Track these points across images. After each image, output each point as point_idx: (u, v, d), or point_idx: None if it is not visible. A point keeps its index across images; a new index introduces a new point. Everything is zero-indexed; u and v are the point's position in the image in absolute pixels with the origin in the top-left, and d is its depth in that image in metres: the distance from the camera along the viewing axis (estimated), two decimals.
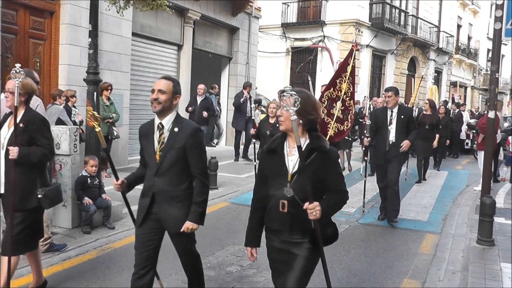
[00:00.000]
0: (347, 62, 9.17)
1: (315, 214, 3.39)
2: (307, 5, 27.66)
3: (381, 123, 8.84)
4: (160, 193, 4.37)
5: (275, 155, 3.72)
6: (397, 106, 8.80)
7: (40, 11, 11.05)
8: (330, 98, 8.96)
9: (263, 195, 3.78)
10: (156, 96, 4.28)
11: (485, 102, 38.80)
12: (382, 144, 8.77)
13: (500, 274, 6.18)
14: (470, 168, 16.92)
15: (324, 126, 8.78)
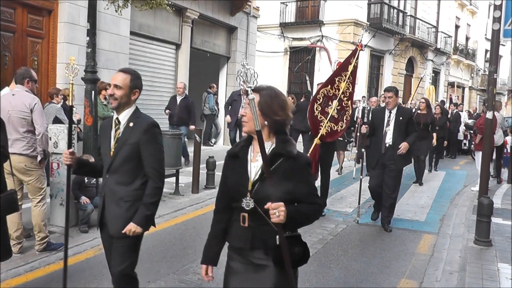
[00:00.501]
0: (349, 61, 8.90)
1: (278, 215, 2.82)
2: (305, 5, 27.64)
3: (378, 124, 8.45)
4: (109, 192, 4.10)
5: (237, 160, 3.25)
6: (396, 107, 8.39)
7: (38, 9, 11.04)
8: (327, 95, 8.69)
9: (225, 206, 3.29)
10: (111, 91, 4.02)
11: (482, 103, 38.83)
12: (377, 147, 8.45)
13: (498, 274, 6.19)
14: (468, 168, 16.92)
15: (316, 124, 8.62)
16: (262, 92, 3.14)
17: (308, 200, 3.13)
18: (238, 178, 3.18)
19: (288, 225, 2.92)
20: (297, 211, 3.04)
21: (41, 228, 6.41)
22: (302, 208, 3.09)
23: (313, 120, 8.64)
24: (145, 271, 5.97)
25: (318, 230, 8.21)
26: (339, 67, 9.18)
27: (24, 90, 6.26)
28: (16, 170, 6.22)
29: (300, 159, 3.13)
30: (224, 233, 3.31)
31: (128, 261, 4.11)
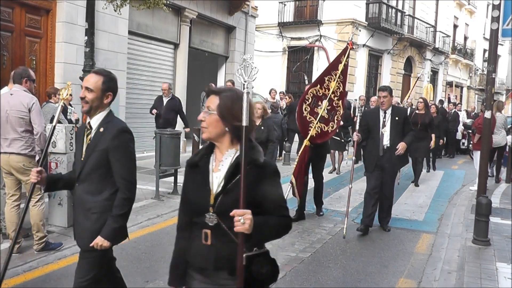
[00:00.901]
0: (340, 60, 8.55)
1: (243, 223, 2.53)
2: (304, 5, 27.66)
3: (373, 126, 8.16)
4: (78, 202, 3.89)
5: (197, 171, 2.93)
6: (390, 107, 8.17)
7: (37, 9, 11.03)
8: (316, 95, 8.41)
9: (188, 221, 2.96)
10: (82, 94, 3.80)
11: (481, 102, 38.85)
12: (374, 149, 8.13)
13: (496, 273, 6.18)
14: (466, 168, 16.93)
15: (305, 125, 8.38)
16: (222, 94, 2.85)
17: (276, 213, 2.82)
18: (198, 190, 2.88)
19: (254, 237, 2.60)
20: (266, 222, 2.73)
21: (39, 228, 6.41)
22: (270, 220, 2.77)
23: (302, 121, 8.43)
24: (143, 271, 5.99)
25: (317, 229, 8.22)
26: (329, 66, 8.83)
27: (22, 89, 6.26)
28: (14, 169, 6.23)
29: (267, 168, 2.84)
30: None
31: (90, 275, 3.82)
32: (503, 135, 13.11)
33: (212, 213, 2.76)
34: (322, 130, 8.41)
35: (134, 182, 3.88)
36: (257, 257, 2.75)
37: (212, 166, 2.89)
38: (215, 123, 2.81)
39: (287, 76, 28.28)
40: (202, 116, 2.86)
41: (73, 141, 7.54)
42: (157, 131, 10.14)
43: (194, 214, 2.88)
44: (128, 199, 3.80)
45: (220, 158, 2.87)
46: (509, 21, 7.96)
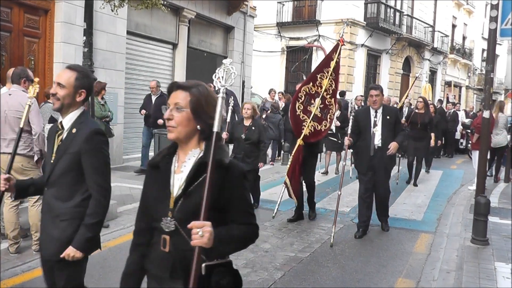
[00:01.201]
0: (331, 57, 8.38)
1: (201, 236, 2.28)
2: (302, 5, 27.68)
3: (364, 126, 7.95)
4: (46, 208, 3.60)
5: (158, 172, 2.70)
6: (381, 107, 7.96)
7: (35, 9, 11.01)
8: (308, 93, 8.23)
9: (146, 226, 2.74)
10: (54, 90, 3.52)
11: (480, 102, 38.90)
12: (365, 150, 7.91)
13: (494, 273, 6.19)
14: (465, 167, 16.94)
15: (299, 124, 8.17)
16: (192, 89, 2.62)
17: (242, 220, 2.61)
18: (158, 193, 2.66)
19: (215, 250, 2.40)
20: (228, 233, 2.51)
21: (38, 228, 6.38)
22: (234, 230, 2.55)
23: (295, 120, 8.24)
24: None
25: (315, 229, 8.22)
26: (320, 63, 8.62)
27: (21, 89, 6.26)
28: (12, 170, 6.18)
29: (233, 170, 2.59)
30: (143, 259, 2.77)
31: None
32: (505, 135, 13.12)
33: (171, 218, 2.55)
34: (315, 129, 8.24)
35: (108, 188, 3.61)
36: (218, 267, 2.54)
37: (174, 167, 2.67)
38: (186, 122, 2.58)
39: (285, 76, 28.30)
40: (169, 114, 2.60)
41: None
42: (155, 131, 10.16)
43: (153, 219, 2.66)
44: (103, 206, 3.52)
45: (183, 159, 2.66)
46: (507, 21, 7.97)
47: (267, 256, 6.73)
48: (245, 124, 9.05)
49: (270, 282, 5.81)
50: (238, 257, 6.54)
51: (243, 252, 6.71)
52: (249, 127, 8.95)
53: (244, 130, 8.96)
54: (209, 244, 2.31)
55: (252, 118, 9.03)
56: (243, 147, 8.88)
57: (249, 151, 8.88)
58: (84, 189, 3.51)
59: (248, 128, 8.95)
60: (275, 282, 5.83)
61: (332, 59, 8.32)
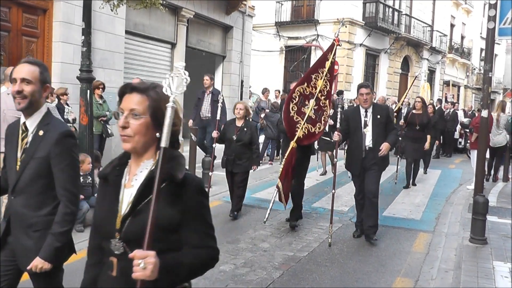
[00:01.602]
0: (326, 57, 8.00)
1: (143, 268, 1.99)
2: (301, 4, 27.71)
3: (354, 126, 7.70)
4: (15, 217, 3.34)
5: (108, 185, 2.39)
6: (371, 105, 7.69)
7: (33, 8, 11.01)
8: (303, 94, 7.88)
9: (97, 245, 2.45)
10: (19, 87, 3.21)
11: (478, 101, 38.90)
12: (357, 151, 7.66)
13: (493, 272, 6.21)
14: (463, 167, 16.95)
15: (292, 126, 7.80)
16: (150, 92, 2.33)
17: (199, 243, 2.29)
18: (106, 210, 2.34)
19: (162, 281, 2.09)
20: (178, 262, 2.20)
21: None
22: (186, 256, 2.25)
23: (289, 121, 7.86)
24: None
25: (314, 229, 8.23)
26: (315, 64, 8.31)
27: None
28: None
29: (189, 186, 2.27)
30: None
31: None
32: (504, 134, 13.13)
33: (118, 239, 2.24)
34: (309, 131, 7.88)
35: (77, 194, 3.39)
36: None
37: (124, 181, 2.35)
38: (144, 130, 2.27)
39: (284, 75, 28.32)
40: (124, 122, 2.27)
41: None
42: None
43: (102, 238, 2.36)
44: (71, 213, 3.29)
45: (135, 171, 2.34)
46: (505, 20, 7.99)
47: (266, 256, 6.74)
48: (237, 124, 8.79)
49: (268, 282, 5.81)
50: (236, 256, 6.56)
51: (242, 251, 6.75)
52: (241, 128, 8.72)
53: (235, 131, 8.70)
54: (153, 277, 2.02)
55: (245, 118, 8.83)
56: (235, 148, 8.65)
57: (240, 153, 8.67)
58: (55, 195, 3.29)
59: (240, 129, 8.71)
60: (273, 281, 5.83)
61: (327, 59, 7.97)
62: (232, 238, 7.24)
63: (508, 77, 55.93)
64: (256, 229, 8.04)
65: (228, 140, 8.78)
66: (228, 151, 8.80)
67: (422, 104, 12.59)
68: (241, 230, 7.91)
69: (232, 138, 8.66)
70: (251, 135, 8.70)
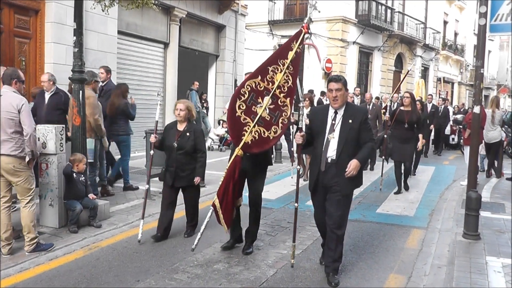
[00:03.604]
0: (290, 46, 6.47)
1: None
2: (294, 2, 27.73)
3: (318, 129, 5.98)
4: None
5: None
6: (344, 106, 5.87)
7: (25, 9, 11.01)
8: (255, 90, 6.38)
9: None
10: None
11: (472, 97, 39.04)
12: (316, 162, 5.96)
13: (486, 267, 6.22)
14: (457, 163, 17.01)
15: (238, 128, 6.35)
16: None
17: None
18: None
19: None
20: None
21: (30, 229, 6.40)
22: None
23: (233, 122, 6.41)
24: (134, 270, 6.00)
25: (308, 226, 8.23)
26: (274, 54, 6.69)
27: (12, 90, 6.25)
28: (4, 171, 6.21)
29: None
30: None
31: None
32: (499, 130, 13.18)
33: None
34: (261, 136, 6.35)
35: None
36: None
37: None
38: None
39: None
40: None
41: (63, 142, 7.55)
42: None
43: None
44: None
45: None
46: (497, 17, 8.02)
47: (260, 254, 6.75)
48: (179, 128, 7.41)
49: (262, 280, 5.82)
50: (230, 255, 6.57)
51: (235, 250, 6.75)
52: (183, 132, 7.33)
53: (176, 136, 7.32)
54: None
55: (188, 121, 7.46)
56: (175, 157, 7.28)
57: (182, 163, 7.30)
58: None
59: (182, 134, 7.33)
60: (267, 279, 5.84)
61: (291, 49, 6.46)
62: (226, 237, 7.24)
63: (501, 73, 56.31)
64: None
65: (168, 147, 7.39)
66: (168, 161, 7.43)
67: (411, 100, 11.33)
68: None
69: (173, 145, 7.29)
70: (195, 141, 7.33)
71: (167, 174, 7.36)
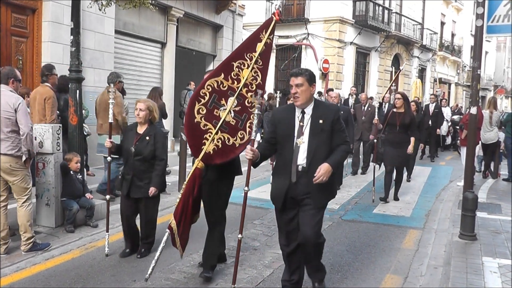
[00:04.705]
0: (258, 37, 5.56)
1: None
2: (291, 3, 27.71)
3: (284, 133, 4.97)
4: None
5: None
6: (311, 104, 4.95)
7: (22, 8, 10.99)
8: (217, 90, 5.49)
9: None
10: None
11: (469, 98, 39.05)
12: (284, 173, 4.94)
13: (482, 268, 6.23)
14: (454, 164, 17.04)
15: (198, 136, 5.45)
16: None
17: None
18: None
19: None
20: None
21: (26, 228, 6.40)
22: None
23: (192, 130, 5.49)
24: (131, 270, 6.00)
25: None
26: (240, 47, 5.73)
27: (8, 89, 6.24)
28: (1, 170, 6.21)
29: None
30: None
31: None
32: (496, 131, 13.21)
33: None
34: (225, 144, 5.48)
35: None
36: None
37: None
38: None
39: (275, 74, 28.30)
40: None
41: (60, 141, 7.54)
42: None
43: None
44: None
45: None
46: (493, 18, 8.03)
47: (256, 254, 6.75)
48: (138, 131, 6.49)
49: (259, 280, 5.83)
50: (227, 255, 6.56)
51: (232, 250, 6.75)
52: (142, 136, 6.40)
53: (134, 140, 6.41)
54: None
55: (149, 123, 6.54)
56: (133, 164, 6.38)
57: (140, 171, 6.37)
58: None
59: (141, 138, 6.40)
60: (263, 279, 5.85)
61: (259, 40, 5.56)
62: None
63: (498, 74, 56.42)
64: (246, 228, 8.02)
65: (125, 152, 6.50)
66: (125, 168, 6.58)
67: (404, 101, 10.34)
68: (231, 229, 7.91)
69: (130, 149, 6.37)
70: (155, 146, 6.39)
71: (124, 182, 6.47)
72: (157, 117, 6.68)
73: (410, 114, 10.32)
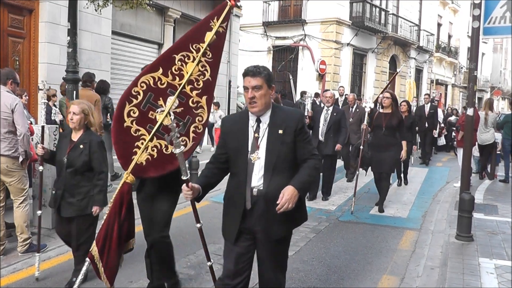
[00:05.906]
0: (208, 24, 4.71)
1: None
2: (288, 4, 27.73)
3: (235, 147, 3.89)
4: None
5: None
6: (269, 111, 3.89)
7: (19, 9, 10.97)
8: (154, 88, 4.59)
9: None
10: None
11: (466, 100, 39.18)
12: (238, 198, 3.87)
13: (478, 269, 6.24)
14: (450, 165, 17.06)
15: (128, 143, 4.55)
16: None
17: None
18: None
19: None
20: None
21: (23, 230, 6.39)
22: None
23: (120, 136, 4.58)
24: (127, 271, 5.98)
25: (301, 228, 8.18)
26: (184, 37, 4.76)
27: (6, 90, 6.24)
28: None
29: None
30: None
31: None
32: (492, 132, 13.24)
33: None
34: (161, 153, 4.59)
35: None
36: None
37: None
38: None
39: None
40: None
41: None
42: None
43: None
44: None
45: None
46: (490, 19, 8.06)
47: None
48: (72, 138, 5.49)
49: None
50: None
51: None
52: (76, 144, 5.40)
53: (68, 148, 5.43)
54: None
55: (85, 129, 5.51)
56: (64, 176, 5.43)
57: (71, 185, 5.40)
58: None
59: (74, 146, 5.40)
60: None
61: (209, 29, 4.71)
62: (219, 238, 7.18)
63: (495, 75, 56.51)
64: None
65: (58, 162, 5.54)
66: (57, 181, 5.65)
67: (392, 101, 9.70)
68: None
69: (62, 159, 5.41)
70: (90, 156, 5.37)
71: (54, 198, 5.58)
72: (94, 123, 5.62)
73: (398, 115, 9.66)
